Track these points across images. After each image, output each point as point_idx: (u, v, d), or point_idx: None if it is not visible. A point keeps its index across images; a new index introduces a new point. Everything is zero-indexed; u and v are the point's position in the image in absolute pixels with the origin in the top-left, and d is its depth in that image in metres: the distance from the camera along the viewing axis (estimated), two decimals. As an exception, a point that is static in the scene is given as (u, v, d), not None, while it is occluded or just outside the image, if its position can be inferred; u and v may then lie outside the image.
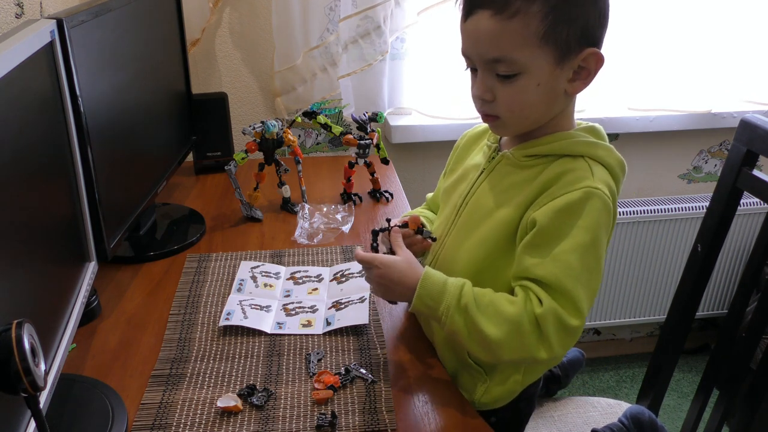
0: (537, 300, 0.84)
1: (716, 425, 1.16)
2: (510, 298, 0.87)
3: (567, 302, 0.84)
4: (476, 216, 0.96)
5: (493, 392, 0.97)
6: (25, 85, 0.79)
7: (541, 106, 0.88)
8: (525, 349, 0.85)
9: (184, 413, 0.88)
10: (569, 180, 0.86)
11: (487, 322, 0.85)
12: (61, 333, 0.86)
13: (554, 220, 0.85)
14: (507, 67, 0.85)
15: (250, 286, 1.16)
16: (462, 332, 0.87)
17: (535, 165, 0.91)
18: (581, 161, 0.88)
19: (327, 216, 1.41)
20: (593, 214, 0.85)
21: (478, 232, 0.95)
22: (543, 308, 0.83)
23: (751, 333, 1.09)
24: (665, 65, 1.91)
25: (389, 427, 0.86)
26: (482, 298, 0.87)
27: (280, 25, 1.65)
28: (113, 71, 1.14)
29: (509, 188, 0.93)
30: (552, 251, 0.84)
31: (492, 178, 0.96)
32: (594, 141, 0.90)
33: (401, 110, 1.86)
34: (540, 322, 0.84)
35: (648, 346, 2.27)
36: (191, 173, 1.68)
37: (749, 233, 2.09)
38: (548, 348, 0.84)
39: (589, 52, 0.85)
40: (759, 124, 1.08)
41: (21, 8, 1.20)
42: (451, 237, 1.00)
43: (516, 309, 0.85)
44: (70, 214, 0.96)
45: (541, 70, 0.84)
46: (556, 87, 0.87)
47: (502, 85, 0.87)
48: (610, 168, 0.89)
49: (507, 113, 0.89)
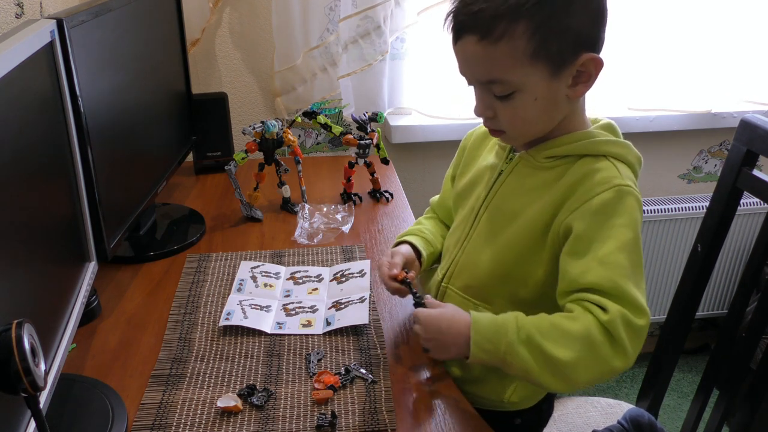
0: (599, 309, 0.80)
1: (716, 425, 1.16)
2: (569, 316, 0.82)
3: (629, 303, 0.80)
4: (499, 219, 0.94)
5: (522, 390, 0.97)
6: (25, 85, 0.79)
7: (543, 117, 0.88)
8: (601, 362, 0.80)
9: (184, 413, 0.88)
10: (598, 180, 0.85)
11: (555, 345, 0.80)
12: (61, 333, 0.86)
13: (592, 223, 0.83)
14: (501, 88, 0.85)
15: (250, 286, 1.16)
16: (531, 366, 0.81)
17: (556, 166, 0.90)
18: (604, 161, 0.88)
19: (327, 216, 1.41)
20: (630, 210, 0.84)
21: (503, 236, 0.93)
22: (609, 314, 0.79)
23: (751, 333, 1.09)
24: (665, 65, 1.91)
25: (389, 427, 0.86)
26: (542, 324, 0.82)
27: (280, 25, 1.65)
28: (113, 71, 1.14)
29: (532, 190, 0.91)
30: (598, 255, 0.82)
31: (512, 179, 0.95)
32: (614, 139, 0.90)
33: (401, 110, 1.86)
34: (610, 329, 0.79)
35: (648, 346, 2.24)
36: (191, 173, 1.68)
37: (749, 233, 2.09)
38: (623, 354, 0.80)
39: (586, 58, 0.83)
40: (759, 124, 1.08)
41: (21, 8, 1.20)
42: (471, 242, 0.99)
43: (581, 324, 0.80)
44: (70, 214, 0.96)
45: (536, 85, 0.84)
46: (556, 96, 0.86)
47: (500, 103, 0.86)
48: (631, 165, 0.89)
49: (510, 128, 0.89)
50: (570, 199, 0.86)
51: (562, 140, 0.90)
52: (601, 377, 0.81)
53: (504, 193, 0.95)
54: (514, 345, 0.82)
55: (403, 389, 0.94)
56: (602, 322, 0.79)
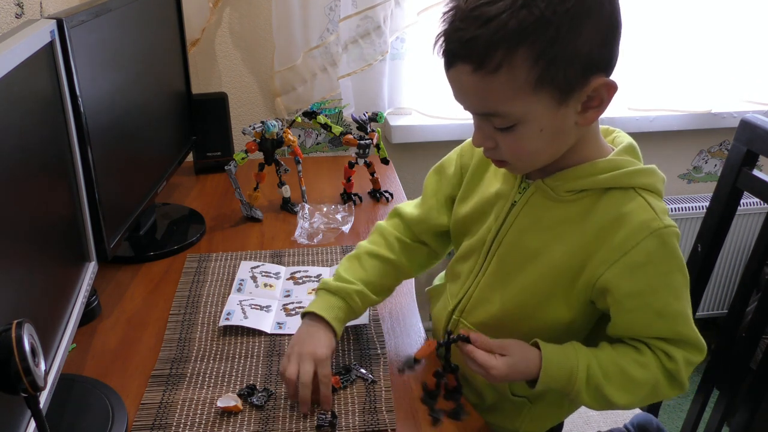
0: (665, 355, 0.81)
1: (716, 425, 1.16)
2: (639, 360, 0.81)
3: (691, 346, 0.82)
4: (517, 257, 0.86)
5: (539, 419, 0.94)
6: (25, 85, 0.79)
7: (550, 149, 0.79)
8: (656, 398, 0.84)
9: (184, 413, 0.88)
10: (634, 226, 0.78)
11: (619, 392, 0.81)
12: (61, 333, 0.86)
13: (641, 278, 0.78)
14: (501, 120, 0.76)
15: (250, 286, 1.16)
16: (590, 405, 0.83)
17: (578, 199, 0.82)
18: (634, 195, 0.80)
19: (327, 216, 1.41)
20: (674, 252, 0.79)
21: (522, 276, 0.86)
22: (675, 363, 0.81)
23: (751, 333, 1.09)
24: (665, 65, 1.91)
25: (389, 428, 0.86)
26: (609, 368, 0.80)
27: (280, 25, 1.65)
28: (113, 71, 1.14)
29: (554, 226, 0.83)
30: (655, 309, 0.80)
31: (527, 213, 0.86)
32: (641, 168, 0.82)
33: (401, 110, 1.86)
34: (675, 375, 0.81)
35: (648, 346, 2.27)
36: (191, 173, 1.68)
37: (749, 233, 2.09)
38: (680, 389, 0.83)
39: (599, 83, 0.73)
40: (759, 124, 1.08)
41: (21, 8, 1.20)
42: (486, 277, 0.90)
43: (650, 373, 0.81)
44: (70, 214, 0.96)
45: (541, 115, 0.74)
46: (564, 125, 0.77)
47: (501, 134, 0.77)
48: (659, 193, 0.82)
49: (514, 160, 0.81)
50: (603, 247, 0.79)
51: (584, 171, 0.81)
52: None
53: (519, 228, 0.86)
54: (581, 392, 0.81)
55: (403, 389, 0.94)
56: (669, 369, 0.81)
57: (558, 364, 0.80)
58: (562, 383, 0.80)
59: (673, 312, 0.80)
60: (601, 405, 0.83)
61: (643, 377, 0.80)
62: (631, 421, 1.13)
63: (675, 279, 0.80)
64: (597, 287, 0.81)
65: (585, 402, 0.82)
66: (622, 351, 0.83)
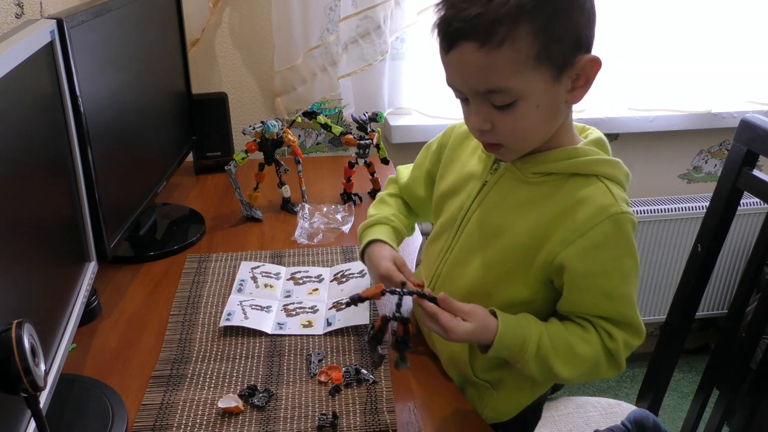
0: (607, 334, 0.85)
1: (716, 425, 1.16)
2: (584, 337, 0.85)
3: (632, 329, 0.86)
4: (483, 234, 0.91)
5: (500, 406, 0.96)
6: (25, 85, 0.79)
7: (544, 126, 0.83)
8: (596, 376, 0.88)
9: (185, 414, 0.88)
10: (593, 209, 0.82)
11: (563, 365, 0.85)
12: (61, 333, 0.86)
13: (595, 259, 0.82)
14: (503, 97, 0.79)
15: (250, 286, 1.16)
16: (535, 375, 0.86)
17: (544, 182, 0.86)
18: (596, 182, 0.84)
19: (327, 216, 1.41)
20: (628, 238, 0.83)
21: (487, 253, 0.90)
22: (615, 342, 0.85)
23: (751, 333, 1.09)
24: (665, 65, 1.91)
25: (390, 428, 0.86)
26: (558, 341, 0.85)
27: (280, 25, 1.65)
28: (113, 71, 1.14)
29: (519, 206, 0.88)
30: (605, 290, 0.84)
31: (497, 192, 0.90)
32: (605, 158, 0.86)
33: (401, 110, 1.86)
34: (614, 354, 0.86)
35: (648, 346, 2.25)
36: (191, 173, 1.68)
37: (749, 233, 2.09)
38: (617, 368, 0.88)
39: (587, 60, 0.80)
40: (759, 124, 1.08)
41: (21, 8, 1.20)
42: (453, 254, 0.95)
43: (593, 349, 0.85)
44: (70, 214, 0.96)
45: (538, 91, 0.79)
46: (557, 102, 0.82)
47: (499, 113, 0.81)
48: (621, 184, 0.86)
49: (510, 140, 0.84)
50: (563, 227, 0.83)
51: (552, 156, 0.86)
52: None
53: (488, 207, 0.91)
54: (530, 361, 0.84)
55: (404, 390, 0.94)
56: (610, 348, 0.85)
57: (512, 334, 0.84)
58: (513, 352, 0.84)
59: (620, 295, 0.84)
60: (545, 376, 0.86)
61: (586, 353, 0.85)
62: (628, 417, 1.13)
63: (626, 264, 0.84)
64: (554, 265, 0.84)
65: (531, 372, 0.85)
66: (570, 327, 0.87)
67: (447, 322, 0.83)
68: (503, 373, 0.93)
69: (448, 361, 0.97)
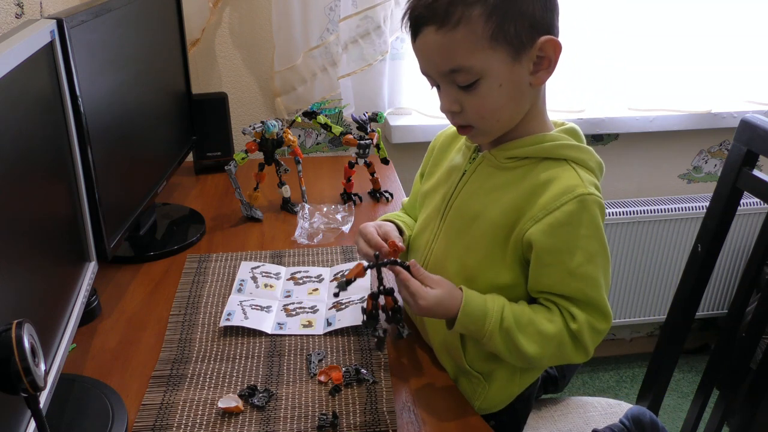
0: (570, 315, 0.88)
1: (716, 425, 1.16)
2: (547, 316, 0.88)
3: (596, 311, 0.88)
4: (463, 220, 0.95)
5: (492, 398, 0.97)
6: (25, 85, 0.79)
7: (510, 105, 0.87)
8: (563, 358, 0.90)
9: (185, 414, 0.88)
10: (560, 189, 0.86)
11: (528, 342, 0.87)
12: (61, 333, 0.86)
13: (560, 236, 0.85)
14: (465, 76, 0.84)
15: (250, 286, 1.16)
16: (502, 352, 0.88)
17: (517, 167, 0.91)
18: (566, 165, 0.88)
19: (327, 216, 1.41)
20: (594, 220, 0.86)
21: (466, 237, 0.93)
22: (578, 323, 0.87)
23: (751, 333, 1.09)
24: (665, 65, 1.91)
25: (390, 428, 0.86)
26: (521, 317, 0.88)
27: (280, 25, 1.65)
28: (113, 71, 1.14)
29: (493, 190, 0.92)
30: (568, 268, 0.86)
31: (474, 180, 0.95)
32: (576, 144, 0.90)
33: (401, 110, 1.86)
34: (577, 335, 0.87)
35: (648, 346, 2.27)
36: (191, 173, 1.68)
37: (749, 233, 2.09)
38: (584, 353, 0.90)
39: (544, 41, 0.83)
40: (759, 124, 1.08)
41: (21, 8, 1.20)
42: (438, 242, 0.98)
43: (555, 327, 0.87)
44: (70, 214, 0.96)
45: (499, 70, 0.84)
46: (520, 82, 0.86)
47: (465, 94, 0.86)
48: (592, 171, 0.90)
49: (478, 121, 0.88)
50: (531, 206, 0.87)
51: (525, 141, 0.90)
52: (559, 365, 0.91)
53: (466, 194, 0.95)
54: (494, 334, 0.87)
55: (404, 389, 0.94)
56: (572, 329, 0.87)
57: (475, 304, 0.87)
58: (477, 325, 0.87)
59: (584, 274, 0.86)
60: (512, 353, 0.88)
61: (550, 331, 0.87)
62: (626, 414, 1.13)
63: (591, 244, 0.86)
64: (524, 242, 0.87)
65: (498, 348, 0.88)
66: (535, 307, 0.90)
67: (416, 288, 0.88)
68: (494, 365, 0.95)
69: (441, 348, 0.99)
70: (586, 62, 1.81)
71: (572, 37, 1.76)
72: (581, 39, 1.79)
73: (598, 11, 1.80)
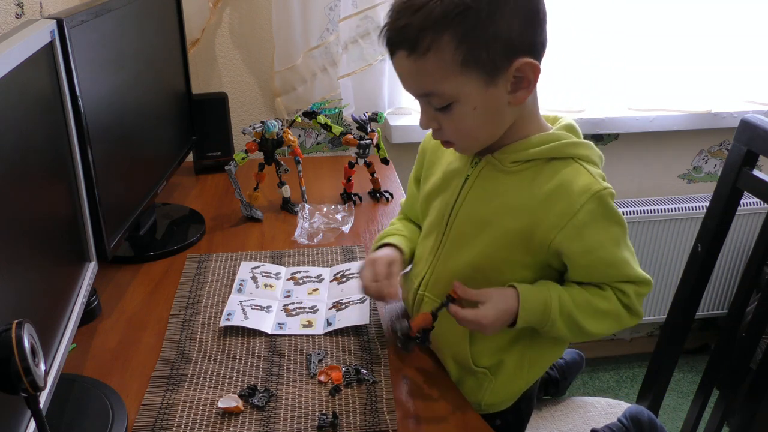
0: (620, 291, 0.91)
1: (716, 425, 1.16)
2: (601, 294, 0.91)
3: (638, 282, 0.92)
4: (471, 226, 0.94)
5: (499, 392, 0.97)
6: (25, 85, 0.79)
7: (487, 126, 0.87)
8: (620, 326, 0.94)
9: (185, 414, 0.88)
10: (576, 191, 0.86)
11: (590, 321, 0.90)
12: (61, 333, 0.86)
13: (588, 237, 0.87)
14: (438, 100, 0.85)
15: (250, 286, 1.16)
16: (565, 334, 0.91)
17: (523, 169, 0.90)
18: (573, 164, 0.88)
19: (327, 216, 1.41)
20: (611, 209, 0.88)
21: (477, 243, 0.93)
22: (628, 297, 0.91)
23: (751, 333, 1.09)
24: (665, 65, 1.91)
25: (390, 428, 0.86)
26: (578, 298, 0.90)
27: (280, 25, 1.65)
28: (113, 71, 1.14)
29: (502, 194, 0.91)
30: (605, 260, 0.89)
31: (479, 185, 0.94)
32: (579, 141, 0.91)
33: (401, 110, 1.86)
34: (630, 306, 0.92)
35: (648, 346, 2.27)
36: (191, 173, 1.68)
37: (749, 233, 2.09)
38: (637, 316, 0.94)
39: (521, 63, 0.82)
40: (759, 124, 1.08)
41: (21, 8, 1.20)
42: (445, 249, 0.97)
43: (612, 304, 0.91)
44: (70, 214, 0.96)
45: (472, 95, 0.83)
46: (497, 104, 0.85)
47: (441, 114, 0.86)
48: (595, 164, 0.91)
49: (457, 139, 0.90)
50: (549, 212, 0.87)
51: (529, 143, 0.89)
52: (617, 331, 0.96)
53: (472, 200, 0.94)
54: (556, 321, 0.89)
55: (404, 389, 0.94)
56: (625, 303, 0.92)
57: (533, 297, 0.88)
58: (539, 315, 0.88)
59: (619, 260, 0.90)
60: (574, 333, 0.91)
61: (607, 307, 0.91)
62: (624, 414, 1.13)
63: (615, 231, 0.89)
64: (551, 250, 0.88)
65: (561, 332, 0.90)
66: (587, 287, 0.92)
67: (473, 315, 0.87)
68: (503, 355, 0.96)
69: (447, 352, 0.98)
70: (586, 62, 1.81)
71: (572, 37, 1.76)
72: (581, 39, 1.78)
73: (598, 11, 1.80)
